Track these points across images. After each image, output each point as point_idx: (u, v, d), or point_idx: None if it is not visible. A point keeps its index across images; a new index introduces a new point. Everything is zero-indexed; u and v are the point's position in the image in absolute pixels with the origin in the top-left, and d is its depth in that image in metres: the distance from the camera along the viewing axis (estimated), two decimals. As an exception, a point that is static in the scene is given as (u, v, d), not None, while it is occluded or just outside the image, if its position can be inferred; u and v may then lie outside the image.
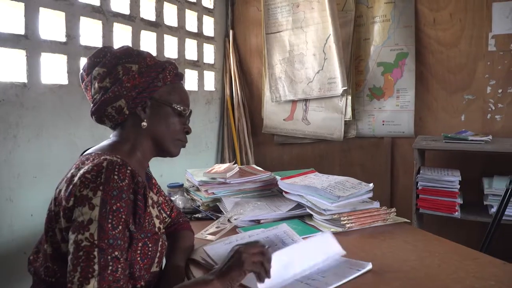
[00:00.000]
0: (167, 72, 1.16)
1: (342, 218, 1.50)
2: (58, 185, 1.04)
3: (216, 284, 0.97)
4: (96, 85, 1.10)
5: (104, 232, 0.90)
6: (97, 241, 0.89)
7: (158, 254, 1.11)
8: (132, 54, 1.14)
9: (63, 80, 2.12)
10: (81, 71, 1.16)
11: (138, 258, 1.03)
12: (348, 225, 1.50)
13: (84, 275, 0.87)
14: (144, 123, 1.13)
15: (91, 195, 0.92)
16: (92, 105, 1.14)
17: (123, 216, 0.95)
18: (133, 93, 1.10)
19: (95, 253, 0.89)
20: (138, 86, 1.10)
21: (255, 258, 0.99)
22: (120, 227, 0.94)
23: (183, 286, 0.99)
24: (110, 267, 0.89)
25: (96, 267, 0.87)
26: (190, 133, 1.24)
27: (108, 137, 1.21)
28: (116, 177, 0.95)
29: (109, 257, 0.90)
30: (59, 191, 1.01)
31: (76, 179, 0.96)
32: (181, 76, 1.24)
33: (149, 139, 1.16)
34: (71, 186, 0.96)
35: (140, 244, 1.04)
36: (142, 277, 1.04)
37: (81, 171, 0.97)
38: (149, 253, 1.07)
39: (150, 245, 1.07)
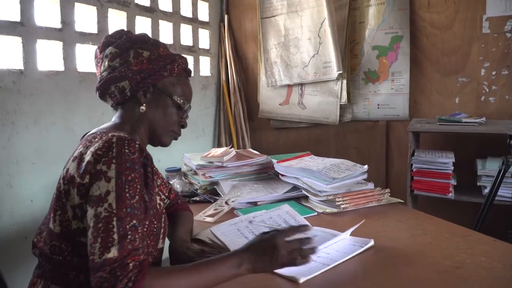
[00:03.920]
0: (175, 64, 1.20)
1: (337, 199, 1.54)
2: (65, 165, 1.07)
3: (246, 272, 0.96)
4: (106, 63, 1.15)
5: (122, 201, 0.93)
6: (115, 210, 0.92)
7: (162, 230, 1.15)
8: (147, 41, 1.19)
9: (59, 66, 2.13)
10: (96, 47, 1.21)
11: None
12: (343, 206, 1.54)
13: (105, 245, 0.89)
14: (143, 107, 1.17)
15: (105, 169, 0.95)
16: (98, 81, 1.18)
17: (138, 187, 0.98)
18: (138, 77, 1.14)
19: (114, 222, 0.91)
20: (144, 71, 1.14)
21: (292, 254, 0.97)
22: (137, 197, 0.96)
23: (212, 261, 0.98)
24: (129, 236, 0.91)
25: (115, 236, 0.90)
26: (185, 127, 1.27)
27: (104, 122, 1.23)
28: (127, 150, 0.98)
29: (127, 226, 0.92)
30: (67, 170, 1.04)
31: (89, 156, 0.99)
32: (189, 72, 1.28)
33: (146, 125, 1.19)
34: (84, 163, 0.99)
35: (147, 222, 1.07)
36: (150, 253, 1.09)
37: (92, 149, 1.00)
38: (155, 230, 1.11)
39: (155, 222, 1.11)
